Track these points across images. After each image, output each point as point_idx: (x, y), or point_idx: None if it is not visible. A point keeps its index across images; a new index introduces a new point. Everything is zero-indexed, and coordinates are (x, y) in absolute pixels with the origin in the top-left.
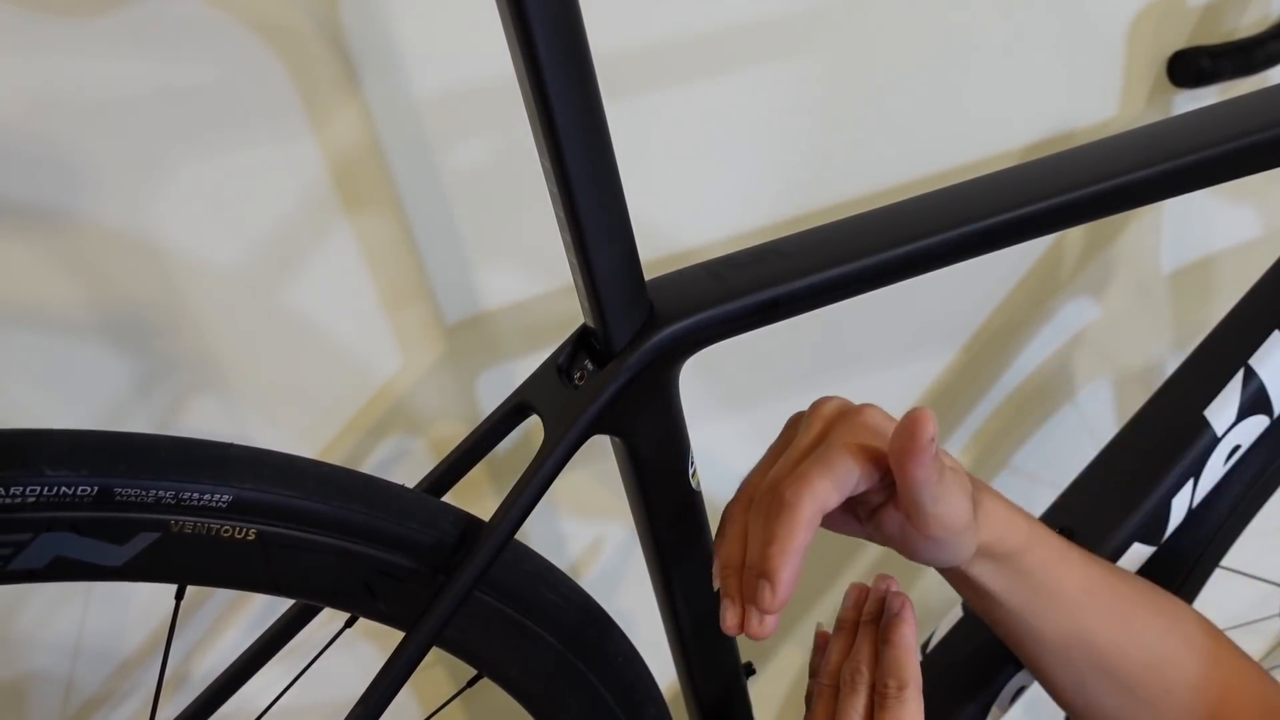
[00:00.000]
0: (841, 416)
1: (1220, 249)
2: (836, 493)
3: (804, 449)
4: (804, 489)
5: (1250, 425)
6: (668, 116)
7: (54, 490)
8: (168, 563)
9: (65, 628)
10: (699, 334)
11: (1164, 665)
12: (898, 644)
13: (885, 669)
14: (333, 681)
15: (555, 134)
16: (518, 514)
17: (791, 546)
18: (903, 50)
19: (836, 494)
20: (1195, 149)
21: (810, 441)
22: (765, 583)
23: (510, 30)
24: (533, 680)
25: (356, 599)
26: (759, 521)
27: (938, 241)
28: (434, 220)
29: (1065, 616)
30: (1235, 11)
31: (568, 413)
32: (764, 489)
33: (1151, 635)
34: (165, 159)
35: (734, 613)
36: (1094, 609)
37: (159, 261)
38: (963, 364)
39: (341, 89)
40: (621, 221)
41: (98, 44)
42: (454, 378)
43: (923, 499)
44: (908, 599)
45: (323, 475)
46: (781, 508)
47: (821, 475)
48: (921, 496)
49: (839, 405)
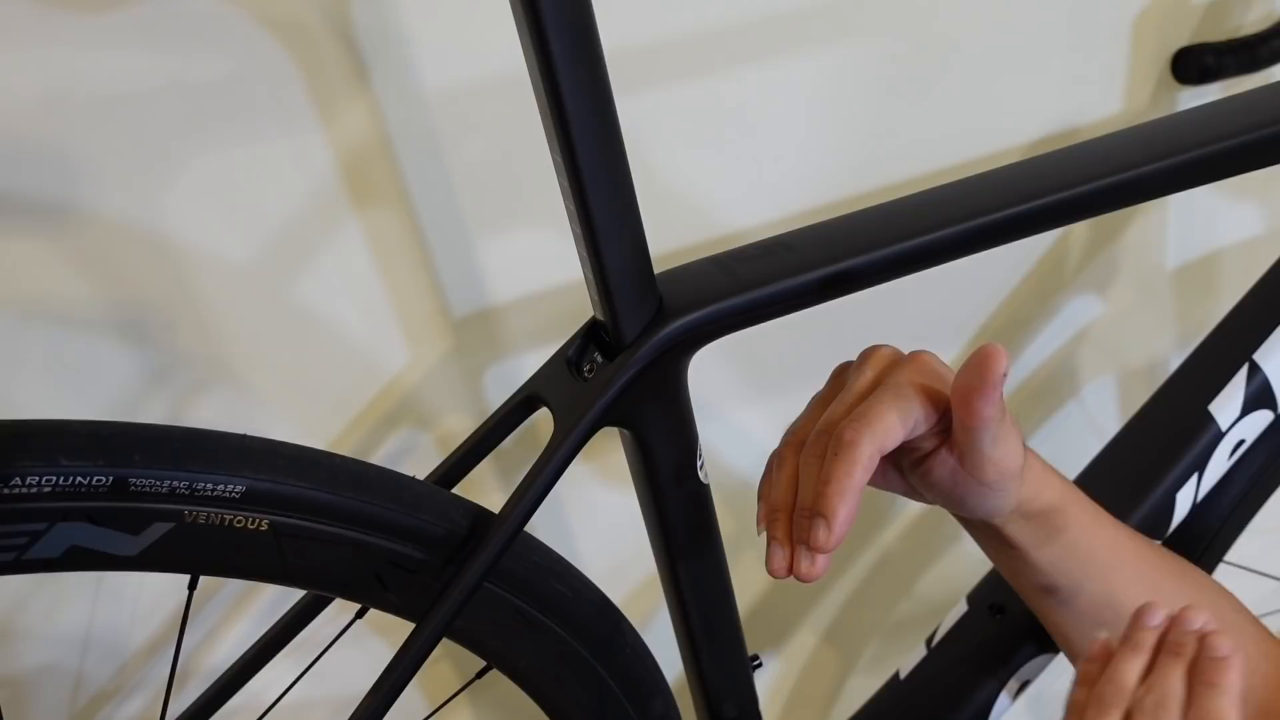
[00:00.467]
0: (896, 361)
1: (1224, 245)
2: (898, 431)
3: (859, 393)
4: (863, 428)
5: (1254, 420)
6: (686, 109)
7: (70, 480)
8: (181, 553)
9: (74, 621)
10: (708, 327)
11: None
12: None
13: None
14: (340, 675)
15: (566, 128)
16: (528, 505)
17: (850, 484)
18: (908, 49)
19: (897, 433)
20: (1199, 145)
21: (865, 385)
22: (821, 520)
23: (522, 24)
24: (541, 672)
25: (367, 590)
26: (812, 463)
27: (943, 236)
28: (442, 214)
29: (1096, 578)
30: (1239, 8)
31: (577, 405)
32: (817, 432)
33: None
34: (176, 154)
35: (782, 555)
36: (1124, 572)
37: (169, 256)
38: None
39: (352, 84)
40: (632, 214)
41: (110, 39)
42: (461, 371)
43: (983, 439)
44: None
45: (335, 467)
46: (841, 446)
47: (882, 415)
48: (983, 436)
49: (891, 352)
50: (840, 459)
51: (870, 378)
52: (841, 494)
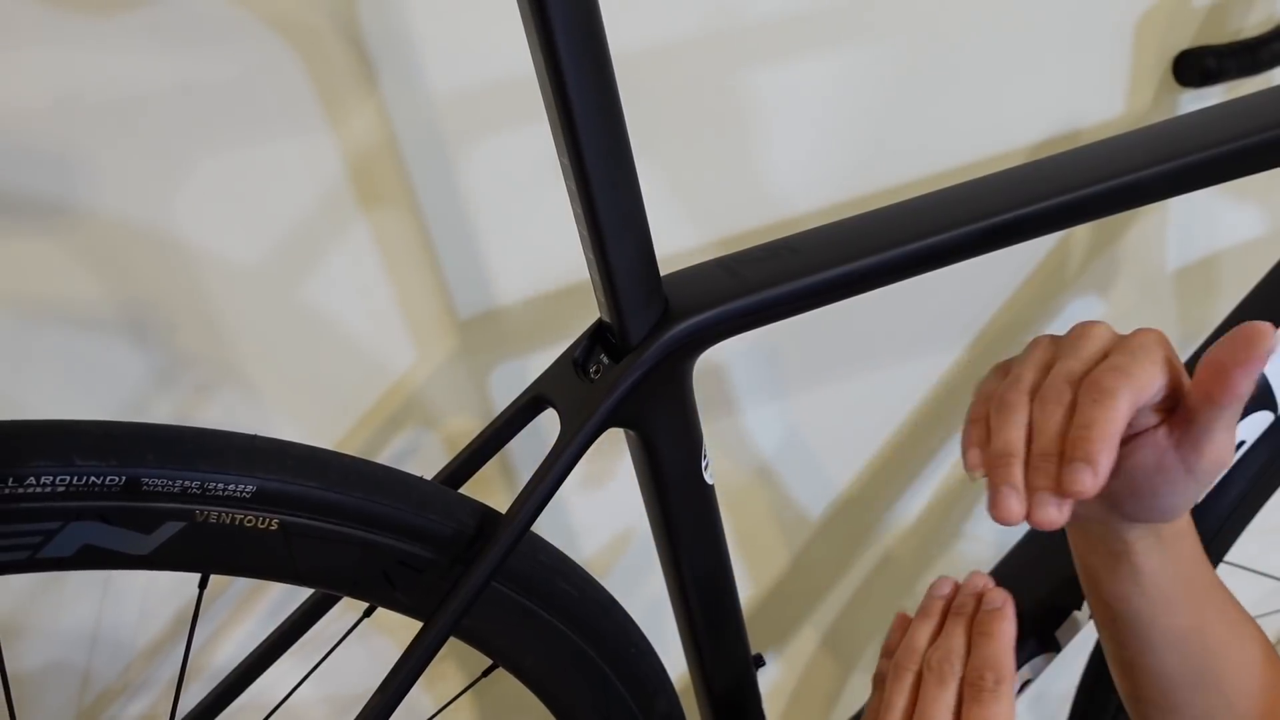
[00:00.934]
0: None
1: (1225, 247)
2: (1154, 386)
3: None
4: (1124, 379)
5: (1254, 421)
6: (693, 112)
7: (83, 480)
8: (193, 552)
9: (82, 619)
10: (713, 328)
11: (1254, 667)
12: (1000, 637)
13: (983, 661)
14: (347, 674)
15: (574, 131)
16: (535, 505)
17: (1112, 431)
18: (911, 52)
19: (1153, 388)
20: (1200, 148)
21: (1100, 349)
22: (1084, 465)
23: (530, 28)
24: (546, 670)
25: (376, 589)
26: (1056, 411)
27: (946, 239)
28: (449, 216)
29: (1191, 610)
30: (1241, 11)
31: (584, 406)
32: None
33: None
34: (185, 156)
35: (1018, 500)
36: (1212, 608)
37: (178, 257)
38: (970, 360)
39: (359, 86)
40: (638, 217)
41: (119, 41)
42: (468, 372)
43: (1223, 418)
44: (1009, 596)
45: (344, 467)
46: (1101, 393)
47: (1142, 370)
48: (1225, 415)
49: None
50: (1102, 405)
51: (1103, 344)
52: (1105, 439)
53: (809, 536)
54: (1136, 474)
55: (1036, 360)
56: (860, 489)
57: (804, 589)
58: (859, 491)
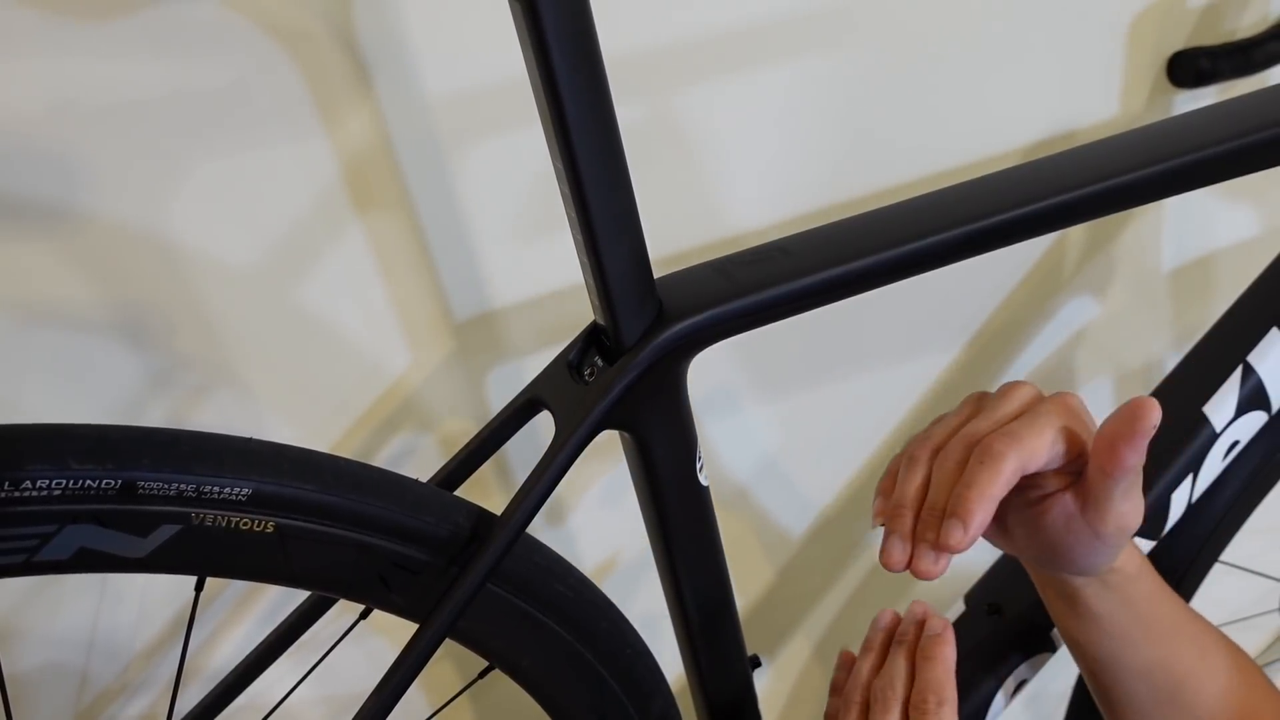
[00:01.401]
0: (1040, 397)
1: (1220, 247)
2: (1042, 455)
3: (1004, 416)
4: (1013, 444)
5: (1249, 421)
6: (686, 115)
7: (79, 483)
8: (188, 554)
9: (79, 621)
10: (707, 330)
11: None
12: (940, 660)
13: (925, 685)
14: (344, 676)
15: (567, 134)
16: (530, 507)
17: (991, 493)
18: (904, 53)
19: (1041, 456)
20: (1195, 148)
21: (1011, 411)
22: (958, 522)
23: (523, 31)
24: (542, 671)
25: (371, 591)
26: (950, 469)
27: (940, 240)
28: (444, 219)
29: (1155, 644)
30: (1234, 12)
31: (578, 408)
32: (958, 441)
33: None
34: (180, 160)
35: (901, 549)
36: (1179, 640)
37: (174, 260)
38: (965, 362)
39: (354, 90)
40: (632, 220)
41: (114, 46)
42: (463, 375)
43: (1117, 489)
44: (949, 622)
45: (339, 469)
46: (989, 455)
47: (1034, 435)
48: (1117, 487)
49: (1034, 388)
50: (986, 467)
51: (1015, 407)
52: (982, 500)
53: (801, 542)
54: (1049, 533)
55: (955, 418)
56: (855, 493)
57: (796, 596)
58: (854, 495)
